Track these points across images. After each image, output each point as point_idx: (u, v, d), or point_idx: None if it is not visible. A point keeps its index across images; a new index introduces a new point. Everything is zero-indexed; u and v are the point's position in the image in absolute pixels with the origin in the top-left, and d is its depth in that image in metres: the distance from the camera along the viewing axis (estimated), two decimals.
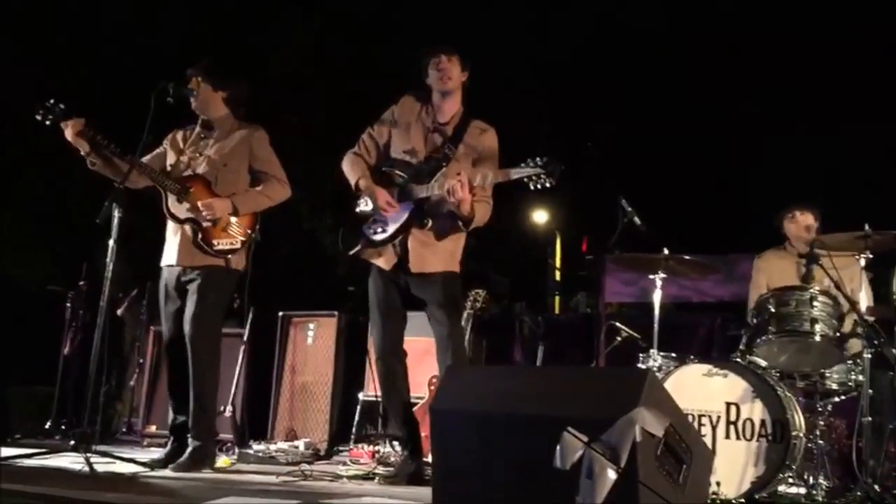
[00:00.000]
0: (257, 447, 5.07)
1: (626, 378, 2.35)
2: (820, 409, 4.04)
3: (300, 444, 5.23)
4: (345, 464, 4.66)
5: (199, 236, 4.08)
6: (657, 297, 4.35)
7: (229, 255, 4.13)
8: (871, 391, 3.85)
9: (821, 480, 3.86)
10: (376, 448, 4.99)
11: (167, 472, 3.88)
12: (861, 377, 3.90)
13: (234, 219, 4.13)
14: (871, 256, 4.03)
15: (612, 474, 2.13)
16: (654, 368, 4.13)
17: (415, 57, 4.00)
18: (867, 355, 3.81)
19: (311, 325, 5.84)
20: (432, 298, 3.87)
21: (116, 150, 4.03)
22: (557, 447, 2.20)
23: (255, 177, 4.26)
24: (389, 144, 4.00)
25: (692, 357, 4.06)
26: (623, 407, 2.19)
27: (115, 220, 3.84)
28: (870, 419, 3.75)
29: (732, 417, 3.83)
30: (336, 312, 5.79)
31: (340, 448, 5.39)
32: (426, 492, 2.84)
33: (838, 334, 3.95)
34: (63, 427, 5.75)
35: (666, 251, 4.29)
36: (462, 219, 3.76)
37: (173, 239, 4.20)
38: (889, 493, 3.76)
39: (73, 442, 3.74)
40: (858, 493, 3.60)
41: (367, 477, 3.99)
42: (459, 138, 3.88)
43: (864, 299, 4.11)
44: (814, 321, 3.90)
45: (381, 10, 8.87)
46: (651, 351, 4.21)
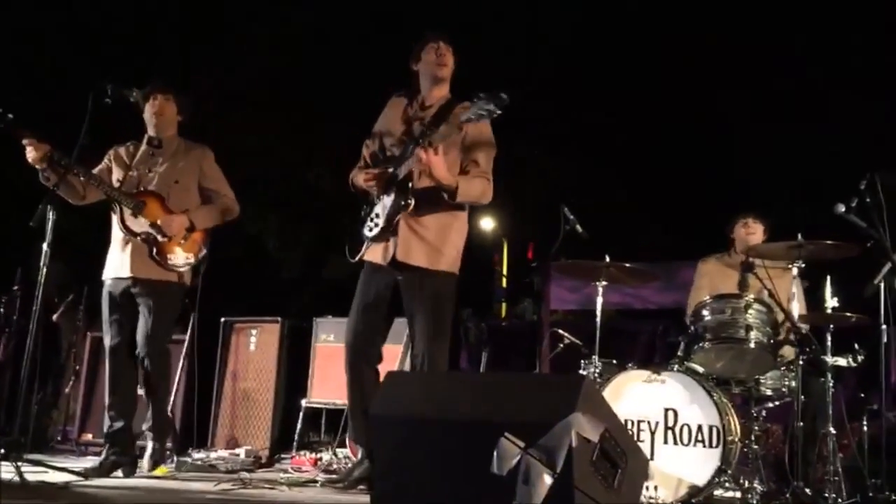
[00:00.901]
0: (197, 455, 4.99)
1: (563, 384, 2.38)
2: (755, 414, 4.13)
3: (241, 452, 5.16)
4: (286, 471, 4.61)
5: (155, 251, 4.16)
6: (599, 304, 4.41)
7: (182, 270, 4.21)
8: (803, 397, 3.96)
9: (756, 485, 3.94)
10: (319, 455, 4.95)
11: (100, 481, 3.80)
12: (794, 383, 4.01)
13: (187, 235, 4.22)
14: (804, 265, 4.16)
15: (547, 479, 2.15)
16: (595, 375, 4.18)
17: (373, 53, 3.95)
18: (800, 362, 3.92)
19: (254, 331, 5.77)
20: (416, 302, 3.69)
21: (78, 171, 4.04)
22: (494, 452, 2.21)
23: (205, 195, 4.36)
24: (383, 146, 3.91)
25: (632, 364, 4.12)
26: (560, 412, 2.21)
27: (50, 224, 3.74)
28: (801, 424, 3.85)
29: (670, 423, 3.89)
30: (279, 318, 5.73)
31: (282, 456, 5.33)
32: (367, 499, 2.83)
33: (772, 341, 4.05)
34: None
35: (607, 259, 4.34)
36: (443, 188, 3.59)
37: (123, 250, 4.20)
38: (821, 495, 3.86)
39: (2, 450, 3.63)
40: (790, 497, 3.69)
41: (308, 484, 3.96)
42: (440, 120, 3.73)
43: (798, 307, 4.21)
44: (748, 328, 4.00)
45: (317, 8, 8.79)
46: (592, 357, 4.26)
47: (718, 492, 4.05)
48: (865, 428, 4.34)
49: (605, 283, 4.42)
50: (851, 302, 4.32)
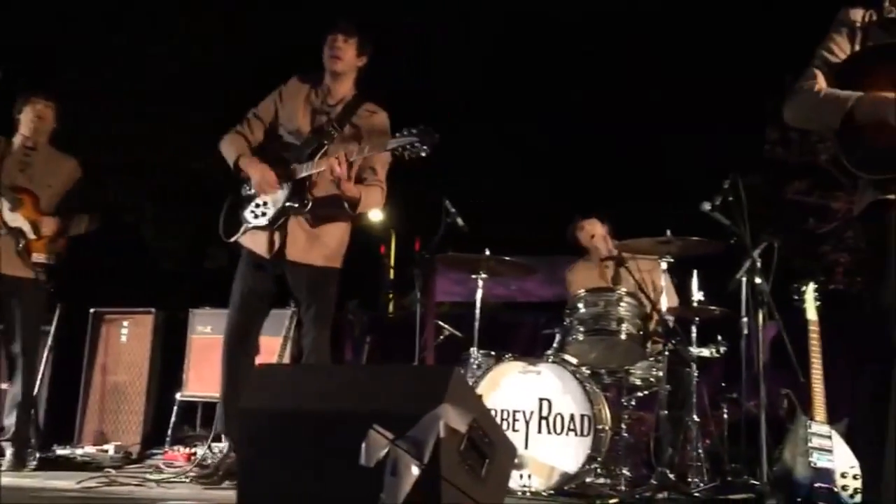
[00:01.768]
0: (61, 452, 4.76)
1: (432, 375, 2.39)
2: (625, 403, 4.28)
3: (110, 448, 4.96)
4: (158, 467, 4.46)
5: (22, 245, 4.24)
6: (478, 297, 4.46)
7: (41, 269, 4.29)
8: (669, 386, 4.14)
9: (624, 471, 4.08)
10: (193, 450, 4.81)
11: None
12: (662, 373, 4.18)
13: (56, 238, 4.35)
14: (672, 260, 4.34)
15: (415, 470, 2.15)
16: (474, 366, 4.24)
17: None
18: (665, 353, 4.09)
19: (126, 323, 5.55)
20: (304, 297, 3.69)
21: None
22: (363, 444, 2.20)
23: (67, 205, 4.45)
24: (276, 125, 3.81)
25: (508, 355, 4.20)
26: (428, 403, 2.21)
27: None
28: (666, 412, 4.02)
29: (545, 413, 3.98)
30: (153, 309, 5.53)
31: (154, 451, 5.15)
32: (235, 493, 2.76)
33: (642, 333, 4.21)
34: None
35: (487, 252, 4.40)
36: (347, 200, 3.58)
37: None
38: (683, 480, 4.04)
39: None
40: (655, 482, 3.84)
41: (179, 480, 3.83)
42: (346, 119, 3.71)
43: (667, 300, 4.39)
44: (620, 321, 4.14)
45: None
46: (471, 349, 4.32)
47: (590, 479, 4.18)
48: (726, 416, 4.57)
49: (485, 276, 4.48)
50: (717, 295, 4.54)
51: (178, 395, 5.37)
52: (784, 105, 2.74)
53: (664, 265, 4.33)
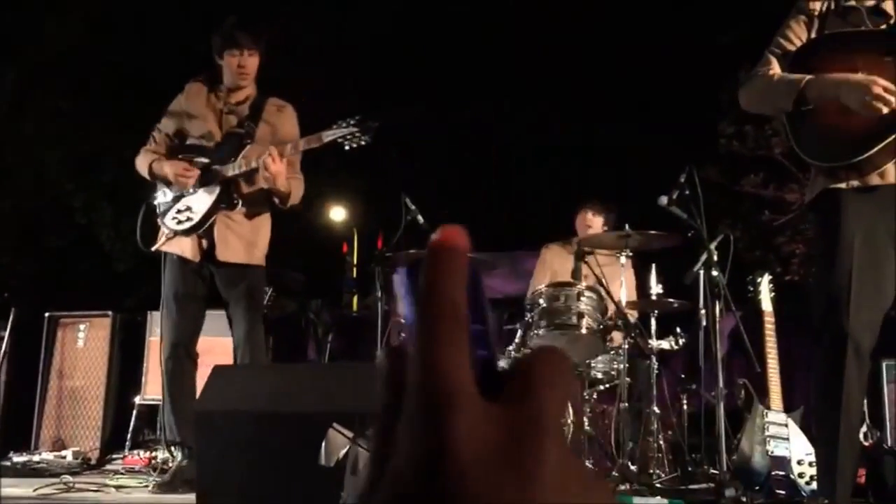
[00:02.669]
0: (17, 458, 4.66)
1: None
2: (587, 397, 4.31)
3: (68, 454, 4.86)
4: (117, 472, 4.39)
5: None
6: None
7: None
8: (629, 379, 4.17)
9: (587, 464, 4.11)
10: (153, 455, 4.74)
11: None
12: (622, 366, 4.21)
13: None
14: (632, 255, 4.38)
15: None
16: None
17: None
18: (625, 346, 4.13)
19: (83, 326, 5.44)
20: (235, 294, 3.70)
21: None
22: (323, 443, 2.19)
23: None
24: (182, 135, 3.80)
25: None
26: None
27: None
28: (626, 405, 4.06)
29: None
30: (110, 312, 5.43)
31: (114, 456, 5.07)
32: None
33: (602, 327, 4.24)
34: None
35: None
36: (278, 195, 3.61)
37: None
38: (645, 472, 4.09)
39: None
40: (617, 474, 3.87)
41: (138, 485, 3.78)
42: (258, 116, 3.72)
43: (626, 294, 4.43)
44: (581, 315, 4.16)
45: None
46: None
47: None
48: (685, 407, 4.63)
49: None
50: (675, 288, 4.60)
51: (136, 399, 5.29)
52: (739, 91, 2.77)
53: (623, 259, 4.37)
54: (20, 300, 4.68)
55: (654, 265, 4.56)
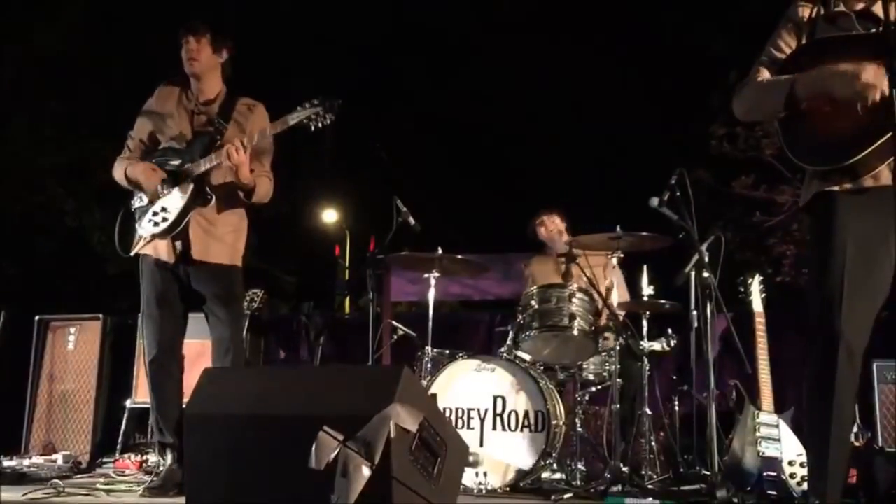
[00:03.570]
0: (7, 463, 4.63)
1: (382, 376, 2.37)
2: (579, 398, 4.32)
3: (58, 458, 4.83)
4: (108, 476, 4.37)
5: None
6: (431, 296, 4.46)
7: None
8: (620, 380, 4.18)
9: (579, 466, 4.12)
10: (144, 458, 4.72)
11: None
12: (614, 368, 4.21)
13: None
14: (623, 256, 4.39)
15: (366, 471, 2.14)
16: (428, 365, 4.24)
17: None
18: (617, 347, 4.13)
19: (73, 330, 5.42)
20: (214, 294, 3.70)
21: None
22: (313, 447, 2.18)
23: None
24: (155, 138, 3.80)
25: (462, 353, 4.20)
26: (379, 404, 2.20)
27: None
28: (617, 406, 4.06)
29: (499, 410, 4.00)
30: (101, 315, 5.41)
31: (105, 460, 5.04)
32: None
33: (594, 328, 4.24)
34: None
35: (440, 251, 4.40)
36: (242, 188, 3.61)
37: None
38: (637, 473, 4.09)
39: None
40: (609, 476, 3.87)
41: (129, 490, 3.76)
42: (228, 116, 3.72)
43: (617, 295, 4.43)
44: (572, 316, 4.16)
45: None
46: (426, 348, 4.31)
47: (546, 474, 4.20)
48: (677, 408, 4.64)
49: (437, 274, 4.47)
50: (667, 290, 4.60)
51: (127, 403, 5.27)
52: (733, 101, 2.78)
53: (615, 261, 4.38)
54: (10, 303, 4.63)
55: (645, 266, 4.57)
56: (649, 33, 8.71)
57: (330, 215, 13.34)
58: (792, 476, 3.53)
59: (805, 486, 3.28)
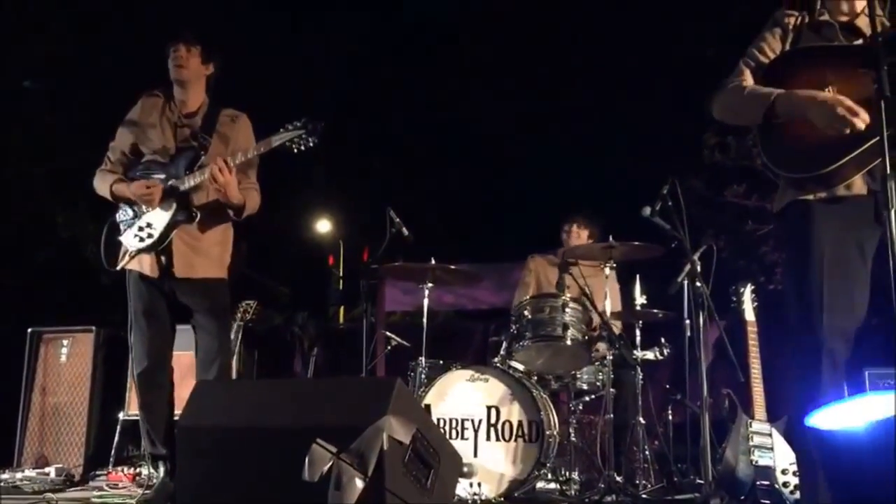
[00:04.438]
0: (1, 476, 4.62)
1: (375, 387, 2.38)
2: (573, 408, 4.32)
3: (51, 471, 4.82)
4: (101, 489, 4.35)
5: None
6: (425, 306, 4.47)
7: None
8: (613, 390, 4.19)
9: (574, 475, 4.12)
10: (137, 471, 4.70)
11: None
12: (607, 377, 4.22)
13: None
14: (616, 266, 4.40)
15: (359, 483, 2.14)
16: (422, 375, 4.24)
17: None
18: (610, 357, 4.14)
19: (66, 342, 5.40)
20: (201, 306, 3.69)
21: None
22: (306, 459, 2.18)
23: None
24: (137, 150, 3.76)
25: (456, 363, 4.20)
26: (372, 416, 2.20)
27: None
28: (611, 416, 4.07)
29: (493, 420, 4.00)
30: (93, 328, 5.39)
31: (98, 473, 5.02)
32: None
33: (587, 338, 4.25)
34: None
35: (433, 261, 4.41)
36: (231, 206, 3.59)
37: None
38: (631, 482, 4.09)
39: None
40: (603, 486, 3.88)
41: (123, 502, 3.75)
42: (211, 128, 3.69)
43: (611, 305, 4.44)
44: (566, 327, 4.17)
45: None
46: (420, 359, 4.32)
47: (540, 484, 4.21)
48: (671, 417, 4.65)
49: (431, 284, 4.48)
50: (660, 299, 4.62)
51: (120, 415, 5.24)
52: (712, 100, 2.79)
53: (608, 270, 4.39)
54: (2, 315, 4.60)
55: (638, 276, 4.58)
56: (641, 40, 8.74)
57: (324, 225, 13.34)
58: (785, 485, 3.54)
59: (798, 494, 3.29)
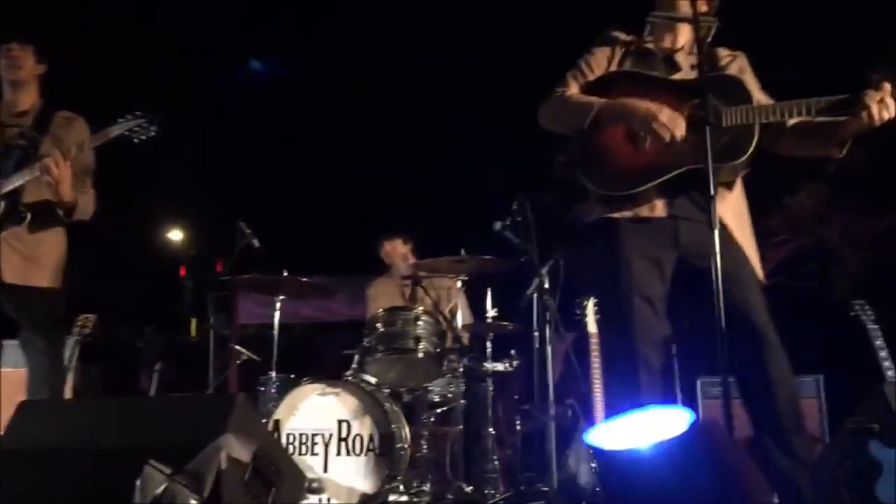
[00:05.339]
0: None
1: (214, 404, 2.30)
2: (425, 420, 4.34)
3: None
4: None
5: None
6: (276, 318, 4.38)
7: None
8: (464, 401, 4.24)
9: (425, 487, 4.13)
10: None
11: None
12: (459, 389, 4.28)
13: None
14: (467, 278, 4.48)
15: None
16: (272, 390, 4.15)
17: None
18: (461, 369, 4.20)
19: None
20: (31, 319, 3.46)
21: None
22: (137, 481, 2.07)
23: None
24: None
25: (306, 377, 4.14)
26: (210, 434, 2.12)
27: None
28: (461, 427, 4.13)
29: (344, 434, 3.95)
30: None
31: None
32: None
33: (439, 350, 4.29)
34: None
35: (285, 273, 4.33)
36: (62, 205, 3.39)
37: None
38: (480, 492, 4.15)
39: None
40: (452, 496, 3.92)
41: None
42: (44, 128, 3.53)
43: (462, 317, 4.51)
44: (417, 339, 4.19)
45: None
46: (270, 373, 4.22)
47: (393, 497, 4.19)
48: (519, 427, 4.76)
49: (283, 297, 4.40)
50: (510, 312, 4.73)
51: None
52: (539, 108, 2.89)
53: (459, 283, 4.46)
54: None
55: (489, 289, 4.68)
56: (491, 54, 8.95)
57: (175, 235, 12.86)
58: None
59: None
